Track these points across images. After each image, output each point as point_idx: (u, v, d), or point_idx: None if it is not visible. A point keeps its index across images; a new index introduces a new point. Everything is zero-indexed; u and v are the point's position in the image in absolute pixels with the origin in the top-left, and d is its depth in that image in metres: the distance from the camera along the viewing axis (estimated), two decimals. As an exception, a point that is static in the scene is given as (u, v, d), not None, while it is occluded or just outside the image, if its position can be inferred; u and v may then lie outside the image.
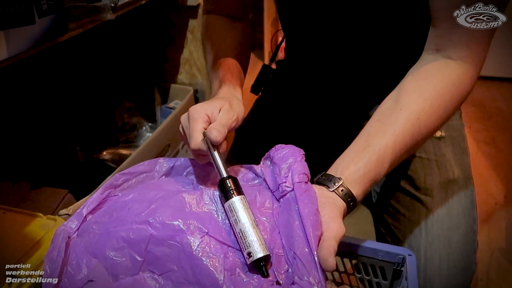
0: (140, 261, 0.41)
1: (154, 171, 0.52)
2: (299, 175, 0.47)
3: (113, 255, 0.41)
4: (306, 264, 0.40)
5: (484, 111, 1.73)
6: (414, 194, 0.72)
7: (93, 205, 0.47)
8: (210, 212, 0.45)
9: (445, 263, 0.65)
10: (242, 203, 0.43)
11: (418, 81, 0.56)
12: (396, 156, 0.52)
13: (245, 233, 0.41)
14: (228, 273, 0.40)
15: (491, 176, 1.34)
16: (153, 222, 0.42)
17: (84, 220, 0.46)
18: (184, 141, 0.53)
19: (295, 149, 0.50)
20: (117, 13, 0.69)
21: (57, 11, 0.51)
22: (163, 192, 0.46)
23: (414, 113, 0.53)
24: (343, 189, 0.49)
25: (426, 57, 0.58)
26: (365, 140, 0.53)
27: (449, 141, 0.75)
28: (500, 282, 0.96)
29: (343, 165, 0.51)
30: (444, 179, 0.71)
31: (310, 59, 0.81)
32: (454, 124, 0.78)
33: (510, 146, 1.49)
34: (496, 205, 1.21)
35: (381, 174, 0.52)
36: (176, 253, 0.41)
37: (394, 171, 0.76)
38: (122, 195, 0.48)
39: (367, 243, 0.59)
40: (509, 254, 1.04)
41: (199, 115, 0.48)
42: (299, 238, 0.42)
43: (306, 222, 0.42)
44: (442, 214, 0.68)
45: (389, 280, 0.61)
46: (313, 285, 0.39)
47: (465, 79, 0.55)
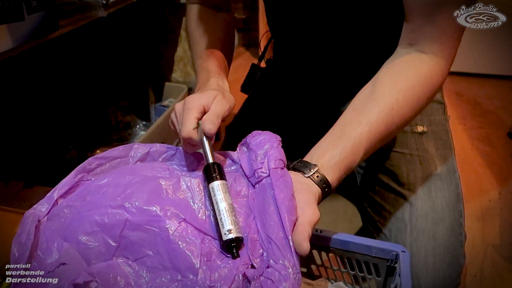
0: (114, 246, 0.40)
1: (128, 156, 0.52)
2: (275, 161, 0.47)
3: (85, 239, 0.40)
4: (281, 248, 0.40)
5: (478, 109, 1.73)
6: (398, 190, 0.73)
7: (64, 188, 0.46)
8: (187, 200, 0.45)
9: (431, 257, 0.66)
10: (221, 187, 0.44)
11: (392, 73, 0.58)
12: (371, 145, 0.54)
13: (222, 215, 0.42)
14: (204, 258, 0.40)
15: (486, 173, 1.34)
16: (129, 207, 0.42)
17: (55, 203, 0.45)
18: (173, 129, 0.54)
19: (271, 135, 0.51)
20: (109, 10, 0.68)
21: (47, 7, 0.50)
22: (139, 177, 0.46)
23: (388, 103, 0.55)
24: (318, 175, 0.50)
25: (400, 51, 0.60)
26: (341, 129, 0.55)
27: (431, 136, 0.76)
28: (494, 278, 0.97)
29: (318, 152, 0.53)
30: (427, 174, 0.72)
31: (294, 56, 0.82)
32: (436, 119, 0.79)
33: (504, 143, 1.50)
34: (490, 202, 1.22)
35: (356, 162, 0.54)
36: (153, 238, 0.40)
37: (377, 168, 0.77)
38: (95, 179, 0.47)
39: (361, 240, 0.59)
40: (503, 251, 1.04)
41: (195, 105, 0.49)
42: (274, 223, 0.42)
43: (282, 207, 0.43)
44: (426, 208, 0.69)
45: (383, 277, 0.61)
46: (288, 268, 0.39)
47: (436, 71, 0.57)
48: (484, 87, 1.89)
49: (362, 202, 0.83)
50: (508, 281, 0.96)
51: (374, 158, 0.80)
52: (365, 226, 0.82)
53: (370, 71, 0.65)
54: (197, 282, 0.38)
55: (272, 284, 0.38)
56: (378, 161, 0.78)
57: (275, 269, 0.39)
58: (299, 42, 0.78)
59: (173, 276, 0.39)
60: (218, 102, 0.51)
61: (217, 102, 0.51)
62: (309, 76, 0.82)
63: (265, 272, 0.40)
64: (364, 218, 0.83)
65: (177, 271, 0.39)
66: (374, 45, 0.71)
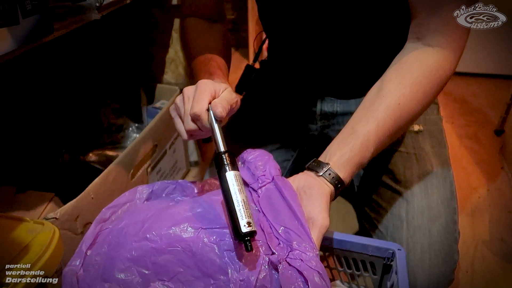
0: (148, 274, 0.45)
1: (135, 199, 0.57)
2: (275, 170, 0.54)
3: (122, 276, 0.44)
4: (300, 234, 0.45)
5: (466, 107, 1.76)
6: (394, 188, 0.74)
7: (89, 240, 0.50)
8: (198, 213, 0.48)
9: (427, 253, 0.67)
10: (237, 178, 0.44)
11: (398, 69, 0.59)
12: (380, 140, 0.56)
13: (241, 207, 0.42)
14: (229, 253, 0.43)
15: (474, 170, 1.37)
16: (150, 237, 0.46)
17: (85, 256, 0.49)
18: (174, 115, 0.54)
19: (264, 152, 0.57)
20: (102, 12, 0.68)
21: (42, 11, 0.50)
22: (152, 212, 0.50)
23: (395, 99, 0.56)
24: (330, 173, 0.53)
25: (407, 46, 0.61)
26: (351, 127, 0.57)
27: (427, 135, 0.78)
28: (485, 273, 0.99)
29: (331, 151, 0.56)
30: (423, 172, 0.73)
31: (291, 58, 0.82)
32: (431, 118, 0.80)
33: (491, 141, 1.53)
34: (479, 199, 1.24)
35: (367, 158, 0.56)
36: (179, 256, 0.44)
37: (374, 166, 0.78)
38: (113, 225, 0.51)
39: (357, 239, 0.60)
40: (492, 246, 1.06)
41: (208, 88, 0.50)
42: (288, 216, 0.47)
43: (293, 203, 0.48)
44: (421, 205, 0.70)
45: (379, 275, 0.62)
46: (311, 250, 0.43)
47: (443, 64, 0.58)
48: (471, 86, 1.93)
49: (358, 200, 0.84)
50: (498, 275, 0.98)
51: None
52: (360, 223, 0.83)
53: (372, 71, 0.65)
54: (229, 280, 0.42)
55: (302, 263, 0.42)
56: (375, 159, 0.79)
57: (301, 251, 0.43)
58: (295, 43, 0.78)
59: (206, 282, 0.43)
60: (228, 92, 0.53)
61: (227, 92, 0.53)
62: (304, 77, 0.82)
63: (290, 254, 0.44)
64: (359, 215, 0.84)
65: (209, 277, 0.43)
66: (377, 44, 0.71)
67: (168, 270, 0.44)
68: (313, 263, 0.42)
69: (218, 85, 0.53)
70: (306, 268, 0.42)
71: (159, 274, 0.44)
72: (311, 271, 0.41)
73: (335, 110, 0.81)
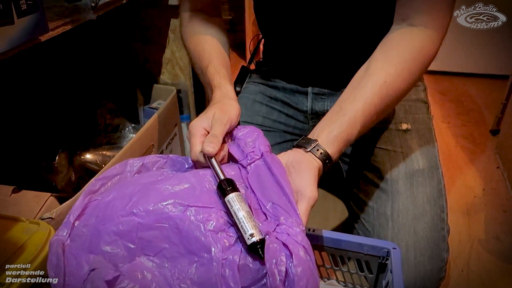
0: (134, 248, 0.45)
1: (126, 171, 0.57)
2: (265, 146, 0.54)
3: (108, 248, 0.45)
4: (288, 210, 0.46)
5: (462, 107, 1.77)
6: (381, 186, 0.74)
7: (77, 211, 0.50)
8: (186, 189, 0.49)
9: (412, 251, 0.67)
10: (236, 198, 0.47)
11: (384, 49, 0.61)
12: (367, 118, 0.57)
13: (242, 223, 0.44)
14: (213, 233, 0.44)
15: (470, 169, 1.37)
16: (137, 212, 0.46)
17: (73, 226, 0.49)
18: None
19: (254, 128, 0.58)
20: (98, 13, 0.68)
21: (37, 11, 0.50)
22: (140, 186, 0.50)
23: (381, 77, 0.58)
24: (318, 149, 0.54)
25: (393, 27, 0.63)
26: (339, 105, 0.59)
27: (415, 134, 0.78)
28: (481, 272, 0.99)
29: (319, 129, 0.57)
30: (409, 170, 0.74)
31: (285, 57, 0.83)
32: (420, 117, 0.81)
33: (487, 140, 1.53)
34: (475, 198, 1.24)
35: (354, 135, 0.57)
36: (165, 232, 0.45)
37: (361, 164, 0.78)
38: (102, 198, 0.51)
39: (352, 238, 0.60)
40: (488, 245, 1.07)
41: (197, 130, 0.54)
42: (276, 192, 0.48)
43: (281, 180, 0.48)
44: (407, 204, 0.71)
45: (375, 274, 0.63)
46: (298, 225, 0.44)
47: (427, 43, 0.60)
48: (467, 86, 1.94)
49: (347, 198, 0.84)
50: (493, 274, 0.99)
51: (359, 154, 0.81)
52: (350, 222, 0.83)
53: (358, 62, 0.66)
54: (212, 258, 0.42)
55: (288, 237, 0.43)
56: (363, 157, 0.79)
57: (287, 226, 0.44)
58: (290, 43, 0.79)
59: (190, 259, 0.44)
60: (216, 120, 0.55)
61: (216, 121, 0.55)
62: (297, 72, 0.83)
63: (277, 228, 0.45)
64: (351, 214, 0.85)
65: (193, 254, 0.44)
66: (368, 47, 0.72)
67: (154, 245, 0.45)
68: (299, 237, 0.43)
69: (207, 118, 0.55)
70: (291, 242, 0.42)
71: (145, 249, 0.45)
72: (297, 245, 0.42)
73: (326, 109, 0.82)
